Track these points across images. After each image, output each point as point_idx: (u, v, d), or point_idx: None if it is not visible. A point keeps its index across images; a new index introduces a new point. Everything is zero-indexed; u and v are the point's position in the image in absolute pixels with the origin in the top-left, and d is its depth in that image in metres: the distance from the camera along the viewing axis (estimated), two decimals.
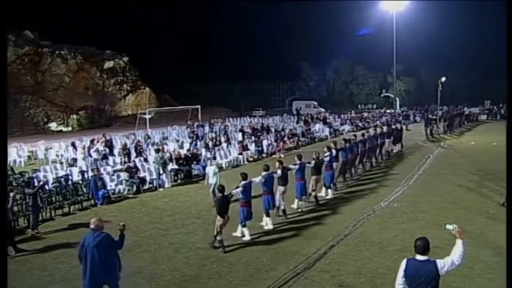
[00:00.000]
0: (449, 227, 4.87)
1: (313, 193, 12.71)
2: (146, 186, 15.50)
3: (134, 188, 14.80)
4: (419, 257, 4.71)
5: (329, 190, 13.54)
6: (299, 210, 11.99)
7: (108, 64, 49.18)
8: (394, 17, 41.41)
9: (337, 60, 61.68)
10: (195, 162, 17.65)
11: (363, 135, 17.97)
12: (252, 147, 21.65)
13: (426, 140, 26.35)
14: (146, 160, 17.66)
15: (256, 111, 48.91)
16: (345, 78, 63.53)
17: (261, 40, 62.98)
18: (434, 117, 31.09)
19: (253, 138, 23.06)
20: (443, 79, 30.04)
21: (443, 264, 4.63)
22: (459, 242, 4.77)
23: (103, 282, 6.26)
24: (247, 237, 9.78)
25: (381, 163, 19.14)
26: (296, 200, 12.12)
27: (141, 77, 51.15)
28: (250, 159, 20.73)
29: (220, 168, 18.77)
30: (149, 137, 23.88)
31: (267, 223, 10.62)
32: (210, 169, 13.16)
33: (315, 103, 50.10)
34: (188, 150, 19.00)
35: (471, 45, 51.13)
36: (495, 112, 44.06)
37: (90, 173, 14.63)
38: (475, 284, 7.34)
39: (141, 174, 15.55)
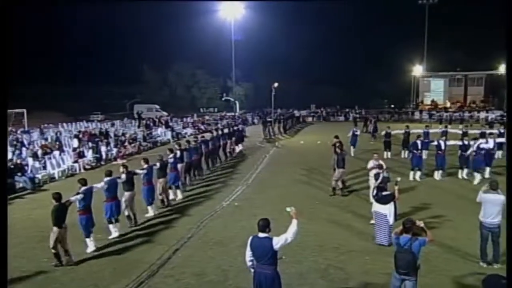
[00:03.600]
0: (288, 209, 5.77)
1: (160, 196, 12.55)
2: None
3: None
4: (260, 234, 5.64)
5: (177, 192, 13.60)
6: (149, 215, 11.72)
7: None
8: (232, 24, 43.73)
9: (178, 64, 61.80)
10: (19, 174, 15.53)
11: (204, 137, 18.48)
12: (89, 154, 20.11)
13: (263, 141, 28.43)
14: None
15: (94, 115, 45.69)
16: (187, 82, 64.13)
17: (99, 41, 59.02)
18: (270, 119, 33.75)
19: (90, 144, 21.40)
20: (276, 84, 32.85)
21: (277, 241, 5.53)
22: (294, 222, 5.65)
23: None
24: (90, 248, 9.14)
25: (224, 163, 19.91)
26: (149, 208, 11.83)
27: None
28: (87, 166, 19.23)
29: (52, 178, 16.99)
30: None
31: (112, 232, 10.04)
32: None
33: (157, 106, 49.32)
34: (11, 160, 16.58)
35: (299, 53, 57.32)
36: (319, 115, 50.34)
37: None
38: (303, 267, 8.19)
39: None
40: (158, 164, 12.44)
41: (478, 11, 52.96)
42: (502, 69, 49.54)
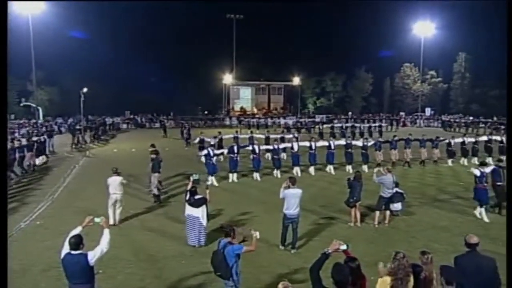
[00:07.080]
0: (97, 220, 5.72)
1: None
2: None
3: None
4: (73, 252, 5.44)
5: None
6: None
7: None
8: (30, 20, 38.78)
9: None
10: None
11: None
12: None
13: (71, 151, 26.03)
14: None
15: None
16: None
17: None
18: (79, 127, 31.15)
19: None
20: (85, 89, 30.52)
21: (93, 254, 5.43)
22: (106, 231, 5.65)
23: None
24: None
25: (21, 178, 17.46)
26: None
27: None
28: None
29: None
30: None
31: None
32: None
33: None
34: None
35: (112, 56, 54.21)
36: (135, 121, 48.97)
37: None
38: (117, 281, 7.84)
39: None
40: None
41: (278, 28, 60.70)
42: (296, 80, 57.44)
